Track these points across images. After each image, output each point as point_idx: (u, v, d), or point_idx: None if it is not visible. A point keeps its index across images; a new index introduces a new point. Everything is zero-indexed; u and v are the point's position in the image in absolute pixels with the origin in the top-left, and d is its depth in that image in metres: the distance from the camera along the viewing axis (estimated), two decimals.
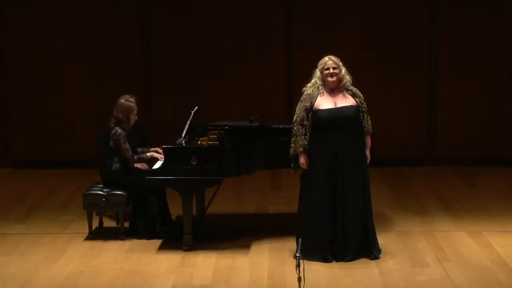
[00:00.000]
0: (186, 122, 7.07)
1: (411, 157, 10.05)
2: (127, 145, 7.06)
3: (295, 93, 10.09)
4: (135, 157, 7.14)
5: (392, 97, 9.90)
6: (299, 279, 5.03)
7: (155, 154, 7.23)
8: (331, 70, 6.42)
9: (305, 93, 6.54)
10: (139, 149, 7.32)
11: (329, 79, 6.43)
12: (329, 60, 6.45)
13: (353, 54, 9.86)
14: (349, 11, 9.98)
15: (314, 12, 10.00)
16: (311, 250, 6.34)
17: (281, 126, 7.19)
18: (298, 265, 5.00)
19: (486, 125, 10.06)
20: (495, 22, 9.93)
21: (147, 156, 7.23)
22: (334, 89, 6.47)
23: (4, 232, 7.42)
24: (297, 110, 6.50)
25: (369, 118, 6.53)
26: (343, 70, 6.47)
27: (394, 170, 9.41)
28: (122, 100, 7.20)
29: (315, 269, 6.23)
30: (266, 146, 7.06)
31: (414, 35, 10.01)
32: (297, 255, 5.05)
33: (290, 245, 6.75)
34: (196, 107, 7.25)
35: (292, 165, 6.54)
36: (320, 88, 6.48)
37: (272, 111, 9.78)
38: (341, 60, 6.55)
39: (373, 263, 6.41)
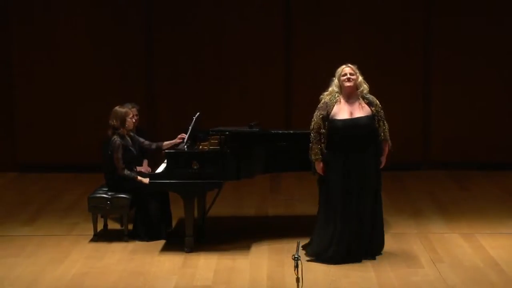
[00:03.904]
0: (188, 127, 7.15)
1: (407, 161, 10.07)
2: (119, 155, 7.11)
3: (294, 97, 10.26)
4: (125, 171, 7.16)
5: (388, 102, 9.85)
6: (298, 280, 5.10)
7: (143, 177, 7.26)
8: (348, 75, 6.49)
9: (322, 101, 6.57)
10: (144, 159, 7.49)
11: (346, 83, 6.48)
12: (346, 67, 6.55)
13: (350, 58, 9.98)
14: (347, 16, 10.04)
15: (313, 15, 10.06)
16: (328, 253, 6.48)
17: (280, 131, 7.30)
18: (296, 266, 5.07)
19: (481, 131, 10.13)
20: (491, 26, 9.99)
21: (135, 177, 7.20)
22: (351, 97, 6.50)
23: (11, 234, 7.49)
24: (314, 117, 6.53)
25: (386, 125, 6.58)
26: (360, 77, 6.55)
27: (390, 174, 9.14)
28: (116, 107, 7.28)
29: (313, 270, 6.31)
30: (265, 151, 7.14)
31: (409, 40, 10.07)
32: (296, 256, 5.11)
33: (289, 246, 6.81)
34: (198, 113, 7.33)
35: (312, 169, 6.61)
36: (336, 96, 6.52)
37: (271, 115, 9.87)
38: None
39: (369, 264, 6.49)
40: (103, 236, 7.32)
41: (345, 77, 6.50)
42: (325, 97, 6.58)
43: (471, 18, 10.01)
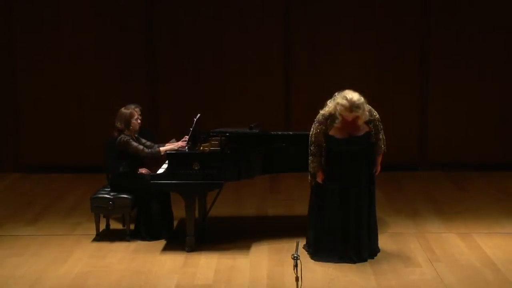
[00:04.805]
0: (189, 129, 7.20)
1: (404, 162, 10.13)
2: (134, 145, 7.16)
3: (294, 99, 10.30)
4: (146, 150, 7.19)
5: (385, 104, 9.81)
6: (297, 279, 5.16)
7: (172, 147, 7.23)
8: (351, 119, 6.43)
9: (323, 114, 6.55)
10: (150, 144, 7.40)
11: (348, 120, 6.48)
12: (352, 114, 6.38)
13: (347, 61, 10.06)
14: (346, 19, 10.08)
15: (312, 18, 10.09)
16: (326, 252, 6.60)
17: (280, 133, 7.38)
18: (295, 265, 5.13)
19: (477, 131, 10.17)
20: (488, 28, 10.02)
21: (159, 150, 7.21)
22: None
23: (14, 234, 7.55)
24: (314, 130, 6.56)
25: (383, 137, 6.63)
26: (365, 113, 6.41)
27: (388, 175, 9.23)
28: (121, 109, 7.32)
29: (313, 269, 6.39)
30: (265, 152, 7.20)
31: (407, 41, 10.10)
32: (295, 255, 5.17)
33: (288, 246, 6.88)
34: (198, 115, 7.39)
35: (309, 179, 6.70)
36: (336, 120, 6.46)
37: (271, 116, 9.91)
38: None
39: (367, 263, 6.57)
40: (106, 236, 7.38)
41: (347, 118, 6.42)
42: (326, 112, 6.53)
43: (469, 21, 10.04)
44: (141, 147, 7.23)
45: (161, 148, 7.26)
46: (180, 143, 7.28)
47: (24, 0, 10.11)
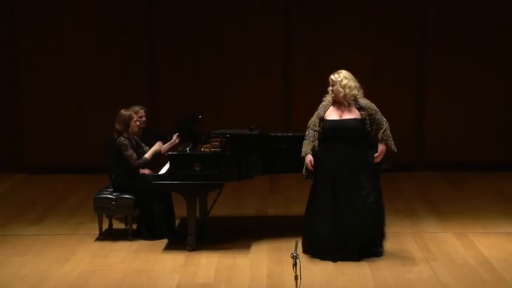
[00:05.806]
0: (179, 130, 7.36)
1: (401, 163, 9.94)
2: (129, 152, 7.24)
3: (294, 100, 10.37)
4: (138, 161, 7.29)
5: (384, 104, 9.87)
6: (296, 278, 5.23)
7: (156, 148, 7.38)
8: (330, 88, 6.75)
9: (322, 102, 6.85)
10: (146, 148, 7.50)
11: (330, 92, 6.78)
12: (330, 76, 6.76)
13: (347, 61, 10.11)
14: (345, 20, 10.15)
15: (312, 19, 10.16)
16: (319, 250, 6.67)
17: (279, 134, 7.45)
18: (295, 264, 5.20)
19: (474, 132, 10.22)
20: (485, 28, 10.07)
21: (146, 158, 7.35)
22: (339, 101, 6.74)
23: (19, 234, 7.61)
24: (313, 116, 6.81)
25: (383, 127, 6.74)
26: (343, 83, 6.67)
27: (385, 175, 9.01)
28: (121, 111, 7.37)
29: (311, 268, 6.45)
30: (265, 153, 7.27)
31: (404, 42, 10.16)
32: (294, 254, 5.23)
33: (288, 245, 6.92)
34: (199, 116, 7.50)
35: (303, 169, 6.75)
36: (331, 99, 6.79)
37: (271, 117, 9.96)
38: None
39: (365, 262, 6.62)
40: (108, 236, 7.44)
41: (336, 96, 6.74)
42: (325, 99, 6.83)
43: (469, 21, 10.09)
44: (134, 157, 7.26)
45: (146, 155, 7.37)
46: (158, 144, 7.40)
47: (24, 0, 10.18)
